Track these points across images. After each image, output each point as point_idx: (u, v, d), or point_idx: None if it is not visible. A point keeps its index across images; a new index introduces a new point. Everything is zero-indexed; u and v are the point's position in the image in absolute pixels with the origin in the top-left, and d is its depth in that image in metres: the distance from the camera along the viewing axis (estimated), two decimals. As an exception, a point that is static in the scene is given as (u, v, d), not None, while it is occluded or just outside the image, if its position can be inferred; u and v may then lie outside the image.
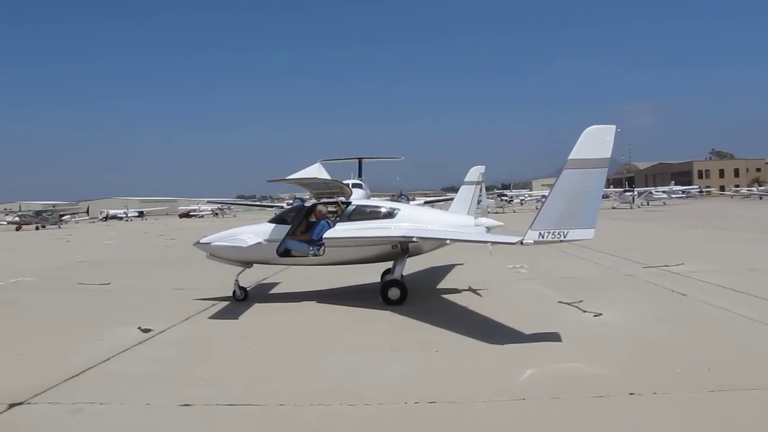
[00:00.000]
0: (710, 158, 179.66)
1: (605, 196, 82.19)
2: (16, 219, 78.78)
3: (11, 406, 7.55)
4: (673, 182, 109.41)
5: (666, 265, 18.14)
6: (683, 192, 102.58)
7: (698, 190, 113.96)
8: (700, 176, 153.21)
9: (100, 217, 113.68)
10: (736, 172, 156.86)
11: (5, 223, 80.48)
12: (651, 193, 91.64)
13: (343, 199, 15.18)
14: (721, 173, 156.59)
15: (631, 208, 76.46)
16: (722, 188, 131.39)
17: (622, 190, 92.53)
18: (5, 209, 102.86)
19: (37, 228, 76.77)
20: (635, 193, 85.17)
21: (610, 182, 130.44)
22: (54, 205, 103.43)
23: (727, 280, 14.95)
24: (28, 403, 7.65)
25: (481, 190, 17.02)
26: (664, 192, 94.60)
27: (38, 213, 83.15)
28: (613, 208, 75.85)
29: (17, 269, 24.84)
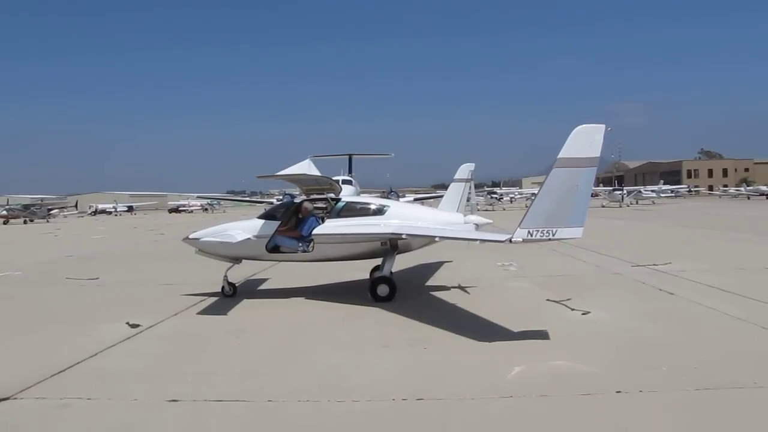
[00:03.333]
0: (699, 158, 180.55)
1: (594, 195, 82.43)
2: (4, 213, 78.38)
3: (-2, 401, 7.51)
4: (662, 181, 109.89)
5: (654, 264, 18.24)
6: (672, 191, 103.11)
7: (687, 189, 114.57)
8: (689, 176, 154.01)
9: (89, 212, 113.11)
10: (725, 172, 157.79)
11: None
12: (640, 192, 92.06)
13: (332, 195, 15.16)
14: (710, 173, 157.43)
15: (620, 206, 76.65)
16: (711, 188, 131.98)
17: (611, 188, 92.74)
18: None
19: (25, 222, 76.46)
20: (624, 191, 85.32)
21: (599, 181, 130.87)
22: (42, 199, 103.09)
23: (715, 279, 15.05)
24: (15, 398, 7.63)
25: (470, 187, 17.06)
26: (653, 191, 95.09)
27: (26, 207, 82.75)
28: (603, 206, 76.01)
29: (4, 263, 24.68)
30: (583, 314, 11.72)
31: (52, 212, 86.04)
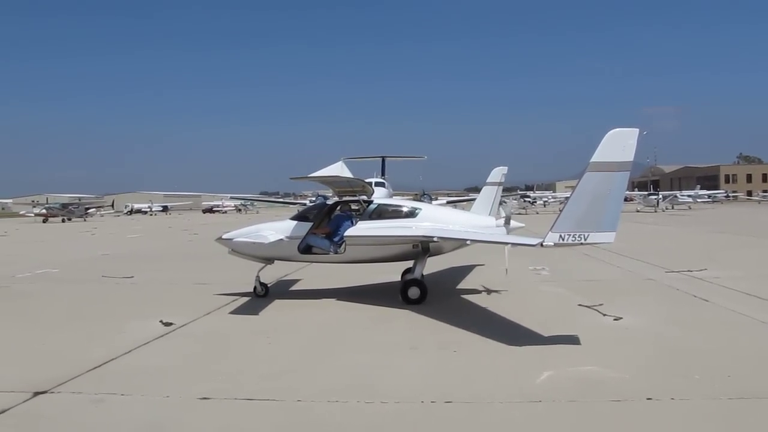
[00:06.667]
0: (738, 162, 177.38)
1: (629, 199, 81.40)
2: (43, 211, 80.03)
3: (35, 394, 7.70)
4: (698, 186, 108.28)
5: (689, 270, 17.98)
6: (709, 196, 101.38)
7: (725, 194, 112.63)
8: (727, 181, 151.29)
9: (125, 211, 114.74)
10: (764, 177, 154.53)
11: (33, 215, 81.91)
12: (676, 196, 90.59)
13: (365, 197, 15.20)
14: (749, 178, 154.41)
15: (656, 211, 75.70)
16: (749, 193, 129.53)
17: (646, 193, 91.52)
18: (33, 202, 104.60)
19: (63, 221, 77.91)
20: (660, 196, 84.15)
21: (634, 185, 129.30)
22: (80, 198, 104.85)
23: (751, 286, 14.77)
24: (52, 392, 7.80)
25: (515, 194, 16.98)
26: (689, 196, 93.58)
27: (64, 206, 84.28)
28: (638, 211, 75.06)
29: (43, 261, 25.22)
30: (614, 320, 11.60)
31: (89, 211, 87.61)
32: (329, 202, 16.02)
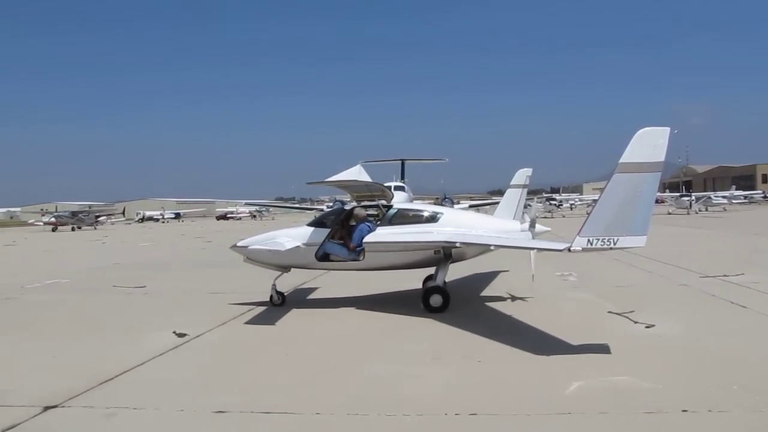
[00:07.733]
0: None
1: (661, 201, 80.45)
2: (53, 220, 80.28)
3: (46, 408, 7.58)
4: (734, 187, 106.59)
5: (725, 275, 17.47)
6: (745, 197, 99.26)
7: (762, 195, 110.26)
8: (764, 180, 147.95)
9: (137, 219, 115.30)
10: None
11: (42, 223, 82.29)
12: (710, 198, 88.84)
13: (384, 202, 15.02)
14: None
15: (689, 213, 74.54)
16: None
17: (678, 194, 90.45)
18: (42, 210, 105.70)
19: (72, 229, 78.49)
20: (693, 197, 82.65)
21: (666, 186, 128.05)
22: (90, 206, 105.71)
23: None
24: (63, 407, 7.67)
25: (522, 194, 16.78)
26: (724, 197, 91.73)
27: (74, 214, 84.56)
28: (669, 213, 74.03)
29: (53, 271, 25.23)
30: (646, 327, 11.26)
31: (99, 219, 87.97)
32: (347, 207, 15.81)
